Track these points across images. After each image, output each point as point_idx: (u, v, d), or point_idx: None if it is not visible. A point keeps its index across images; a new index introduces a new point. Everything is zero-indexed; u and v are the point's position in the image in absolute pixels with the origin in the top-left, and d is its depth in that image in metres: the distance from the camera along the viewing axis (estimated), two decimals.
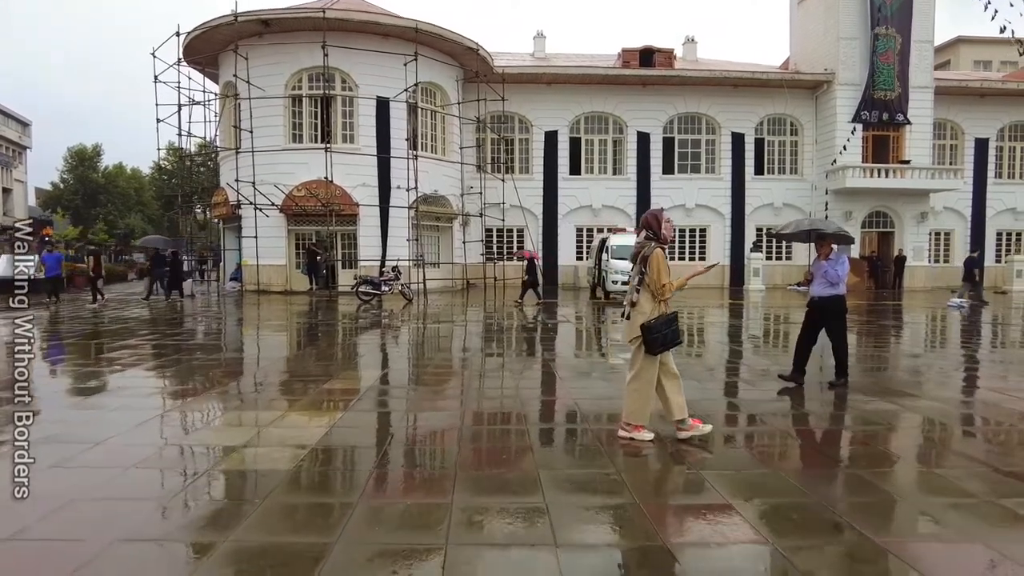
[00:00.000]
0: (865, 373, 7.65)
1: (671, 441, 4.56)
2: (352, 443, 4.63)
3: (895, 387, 6.80)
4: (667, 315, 4.53)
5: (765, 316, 16.36)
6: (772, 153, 28.80)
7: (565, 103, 27.71)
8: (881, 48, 26.21)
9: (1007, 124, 29.60)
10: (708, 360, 8.80)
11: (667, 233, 4.62)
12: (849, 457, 4.49)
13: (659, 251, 4.54)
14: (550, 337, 11.59)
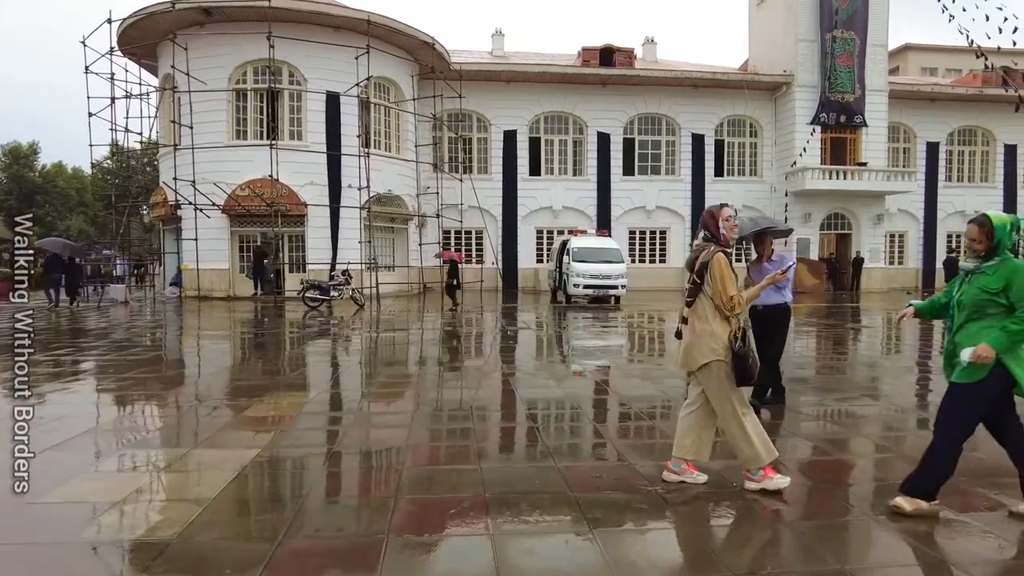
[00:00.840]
0: (820, 376, 7.13)
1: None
2: (260, 494, 3.79)
3: (846, 394, 6.25)
4: (744, 333, 3.74)
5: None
6: (732, 155, 28.67)
7: (524, 102, 27.05)
8: (838, 50, 26.29)
9: (956, 128, 30.12)
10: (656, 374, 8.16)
11: (728, 233, 3.81)
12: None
13: (721, 256, 3.70)
14: (510, 347, 10.85)
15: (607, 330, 13.49)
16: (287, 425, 5.25)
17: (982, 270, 3.17)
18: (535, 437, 4.96)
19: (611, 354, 10.13)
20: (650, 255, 28.27)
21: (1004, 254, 3.13)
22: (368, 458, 4.57)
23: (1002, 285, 3.07)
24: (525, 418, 5.65)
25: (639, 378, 7.72)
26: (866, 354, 10.41)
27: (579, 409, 5.95)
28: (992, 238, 3.12)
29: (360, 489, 3.94)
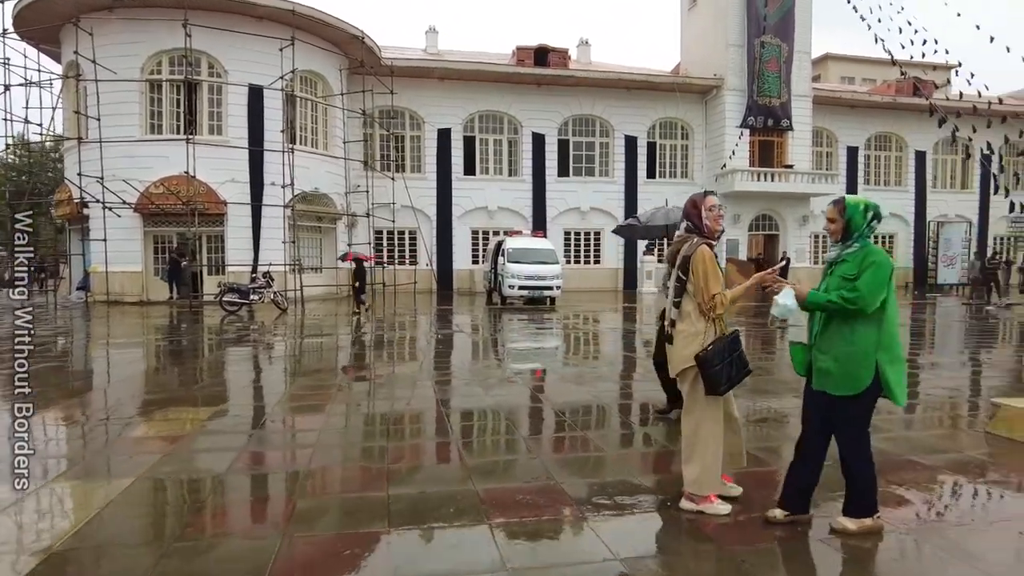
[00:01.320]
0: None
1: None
2: (117, 537, 3.22)
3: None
4: (727, 336, 3.38)
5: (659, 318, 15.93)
6: (664, 157, 29.01)
7: (459, 100, 26.57)
8: (766, 56, 26.95)
9: (873, 134, 31.44)
10: (588, 377, 7.90)
11: (713, 224, 3.49)
12: None
13: (705, 249, 3.35)
14: (439, 352, 10.38)
15: (541, 332, 13.20)
16: (177, 446, 4.65)
17: (843, 258, 3.08)
18: (456, 455, 4.55)
19: (545, 357, 9.82)
20: (585, 256, 28.28)
21: (863, 241, 3.07)
22: (262, 485, 4.05)
23: (856, 271, 2.98)
24: (448, 432, 5.22)
25: (574, 383, 7.42)
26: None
27: (508, 420, 5.57)
28: (844, 215, 3.05)
29: (242, 527, 3.41)
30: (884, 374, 2.97)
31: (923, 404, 6.52)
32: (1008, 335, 13.06)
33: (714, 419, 3.39)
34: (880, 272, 2.97)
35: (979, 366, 9.13)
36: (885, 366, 2.97)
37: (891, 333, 3.00)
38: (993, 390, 7.19)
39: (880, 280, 2.96)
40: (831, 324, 3.07)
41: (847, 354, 2.99)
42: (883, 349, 2.98)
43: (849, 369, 2.98)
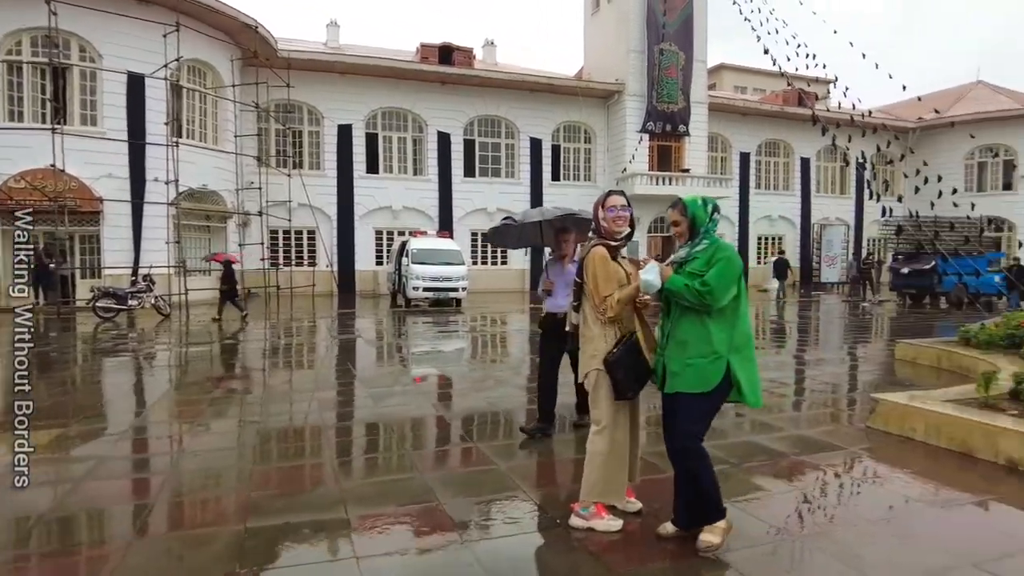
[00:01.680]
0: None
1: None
2: None
3: None
4: (627, 339, 3.18)
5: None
6: (568, 159, 29.34)
7: (361, 96, 25.74)
8: (665, 62, 27.79)
9: (763, 141, 33.16)
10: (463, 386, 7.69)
11: (611, 225, 3.29)
12: None
13: (599, 251, 3.19)
14: (338, 358, 9.85)
15: (445, 335, 12.87)
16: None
17: (693, 256, 2.99)
18: (331, 476, 4.15)
19: (446, 361, 9.50)
20: (491, 257, 28.14)
21: (711, 237, 3.00)
22: (93, 526, 3.51)
23: (706, 267, 2.90)
24: (327, 450, 4.81)
25: (474, 389, 7.15)
26: None
27: (398, 433, 5.23)
28: (687, 214, 3.00)
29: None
30: (736, 375, 2.90)
31: (808, 401, 6.72)
32: (880, 330, 13.97)
33: (618, 425, 3.22)
34: (729, 267, 2.88)
35: (856, 361, 9.62)
36: (736, 367, 2.91)
37: (743, 333, 2.94)
38: (870, 385, 7.54)
39: (729, 275, 2.87)
40: (682, 323, 2.97)
41: (698, 353, 2.91)
42: (735, 350, 2.92)
43: (700, 367, 2.90)
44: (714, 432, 5.06)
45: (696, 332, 2.93)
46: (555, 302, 4.99)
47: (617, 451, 3.22)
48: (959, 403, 5.02)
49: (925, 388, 6.52)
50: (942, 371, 8.11)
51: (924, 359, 8.63)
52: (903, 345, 9.15)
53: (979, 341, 8.14)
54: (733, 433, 5.21)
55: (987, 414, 4.68)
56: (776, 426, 5.40)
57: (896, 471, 4.27)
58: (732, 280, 2.89)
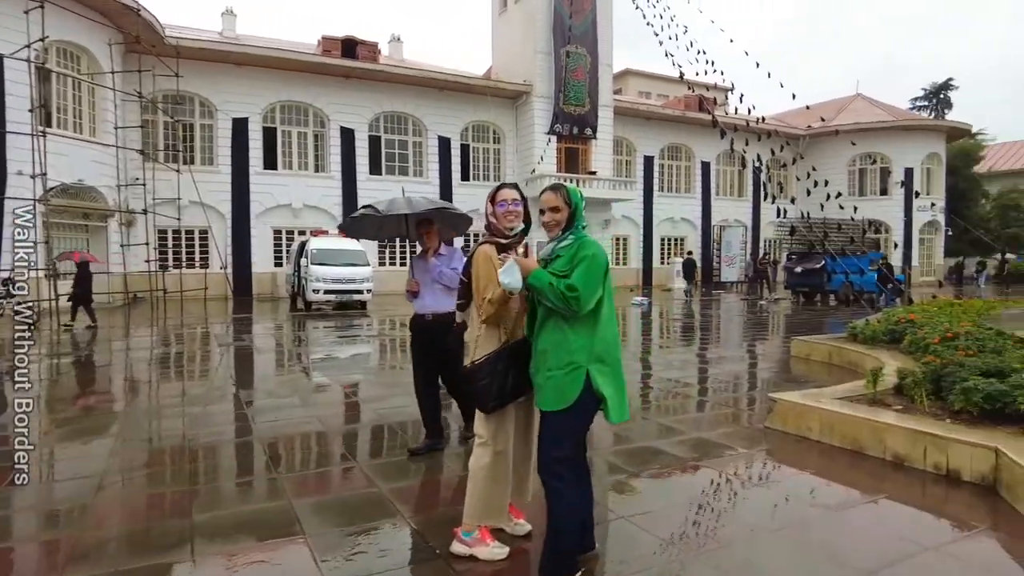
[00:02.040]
0: None
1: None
2: None
3: None
4: (507, 347, 2.85)
5: None
6: (477, 159, 29.08)
7: (258, 89, 24.42)
8: (572, 65, 28.03)
9: (666, 145, 34.17)
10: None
11: (500, 220, 3.00)
12: None
13: (483, 249, 2.85)
14: (231, 367, 9.06)
15: (344, 340, 12.24)
16: None
17: (556, 253, 2.65)
18: (184, 508, 3.61)
19: (340, 369, 8.93)
20: (400, 258, 27.42)
21: (578, 233, 2.66)
22: None
23: (569, 266, 2.56)
24: (184, 475, 4.23)
25: (366, 401, 6.69)
26: None
27: (270, 452, 4.70)
28: (569, 201, 2.66)
29: None
30: (597, 388, 2.55)
31: (710, 401, 6.70)
32: (777, 327, 14.52)
33: (499, 438, 2.91)
34: (595, 266, 2.53)
35: (755, 358, 9.84)
36: (598, 378, 2.55)
37: (606, 340, 2.60)
38: (768, 382, 7.65)
39: (595, 275, 2.52)
40: (544, 329, 2.63)
41: (556, 364, 2.56)
42: (596, 359, 2.56)
43: (557, 381, 2.55)
44: (613, 438, 4.88)
45: (555, 340, 2.58)
46: (422, 303, 4.51)
47: (500, 467, 2.91)
48: (850, 400, 5.07)
49: (819, 384, 6.64)
50: (833, 366, 8.37)
51: (817, 355, 8.91)
52: (798, 342, 9.44)
53: (865, 337, 8.47)
54: (632, 438, 5.04)
55: (874, 411, 4.73)
56: (677, 429, 5.29)
57: (792, 474, 4.20)
58: (598, 281, 2.54)
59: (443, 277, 4.39)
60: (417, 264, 4.57)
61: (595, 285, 2.52)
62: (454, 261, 4.46)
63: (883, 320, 8.79)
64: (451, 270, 4.37)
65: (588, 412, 2.61)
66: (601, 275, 2.55)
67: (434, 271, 4.41)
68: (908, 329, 7.88)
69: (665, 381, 7.70)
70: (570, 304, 2.46)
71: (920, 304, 11.81)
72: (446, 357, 4.41)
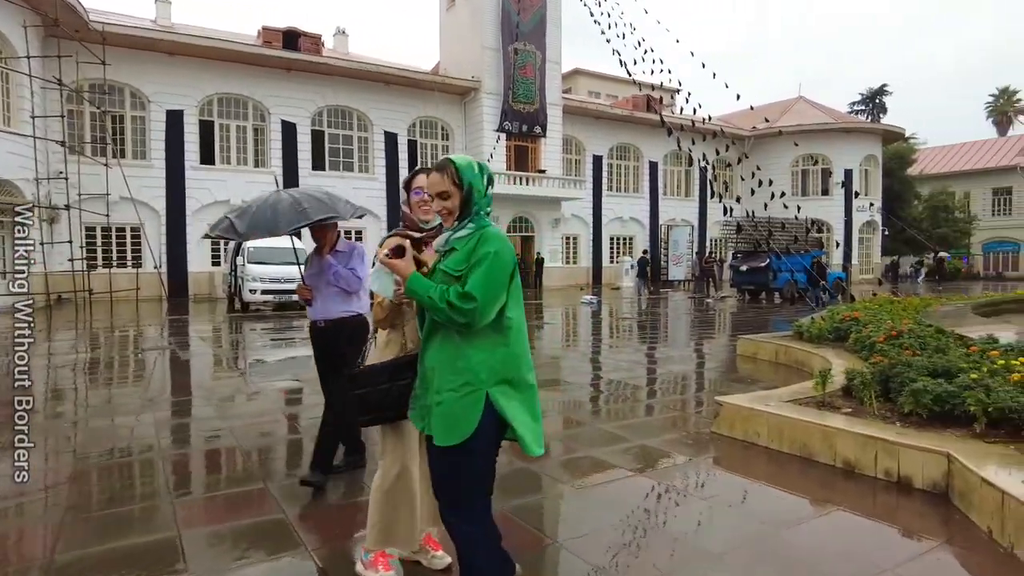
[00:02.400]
0: None
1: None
2: None
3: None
4: (403, 358, 2.47)
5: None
6: (425, 156, 28.52)
7: (193, 80, 23.32)
8: (521, 62, 27.76)
9: (615, 144, 34.27)
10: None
11: (415, 210, 2.67)
12: None
13: (388, 243, 2.30)
14: (168, 373, 8.39)
15: (281, 342, 11.63)
16: None
17: (452, 245, 2.09)
18: (47, 543, 3.11)
19: (269, 374, 8.38)
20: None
21: (479, 220, 2.09)
22: None
23: (466, 265, 2.00)
24: (63, 501, 3.71)
25: (290, 410, 6.20)
26: (546, 354, 10.31)
27: (168, 472, 4.21)
28: (460, 181, 2.06)
29: None
30: (504, 413, 2.00)
31: (656, 404, 6.47)
32: (723, 325, 14.53)
33: (397, 457, 2.59)
34: (498, 267, 1.97)
35: (703, 357, 9.71)
36: (502, 402, 2.00)
37: (514, 355, 2.04)
38: (715, 383, 7.49)
39: (497, 279, 1.97)
40: (431, 340, 2.09)
41: (447, 384, 2.01)
42: (500, 379, 2.01)
43: (448, 406, 2.00)
44: (551, 446, 4.55)
45: (447, 355, 2.03)
46: (315, 308, 3.90)
47: (400, 489, 2.58)
48: (798, 403, 4.87)
49: (766, 385, 6.48)
50: (780, 365, 8.27)
51: (763, 354, 8.80)
52: (744, 341, 9.33)
53: (810, 335, 8.40)
54: (573, 446, 4.73)
55: (823, 414, 4.54)
56: (620, 436, 5.00)
57: (740, 485, 3.96)
58: (502, 286, 2.00)
59: (339, 279, 3.80)
60: (312, 261, 3.99)
61: (497, 291, 1.98)
62: (352, 260, 3.89)
63: (828, 318, 8.75)
64: (348, 270, 3.83)
65: (491, 446, 2.07)
66: (505, 278, 2.02)
67: (328, 272, 3.83)
68: (853, 327, 7.83)
69: (611, 383, 7.45)
70: (464, 317, 1.93)
71: (862, 301, 11.95)
72: (339, 363, 3.83)
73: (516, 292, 2.08)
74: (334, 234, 3.97)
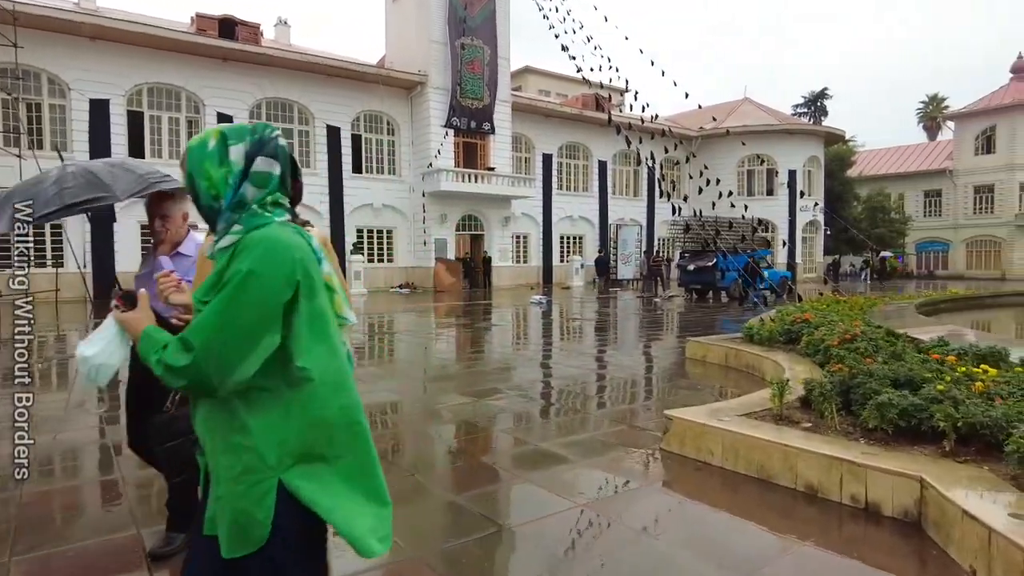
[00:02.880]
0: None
1: None
2: None
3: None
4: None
5: (372, 321, 14.51)
6: (370, 151, 27.63)
7: (120, 67, 21.93)
8: (468, 57, 27.18)
9: (564, 143, 33.99)
10: None
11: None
12: None
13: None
14: (35, 390, 7.47)
15: None
16: None
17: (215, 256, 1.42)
18: None
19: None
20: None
21: (253, 218, 1.41)
22: None
23: (213, 291, 1.35)
24: None
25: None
26: (497, 358, 9.80)
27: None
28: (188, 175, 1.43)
29: None
30: (312, 504, 1.37)
31: (603, 417, 6.03)
32: (671, 325, 14.30)
33: None
34: (245, 296, 1.30)
35: (651, 361, 9.37)
36: (306, 487, 1.37)
37: (320, 420, 1.39)
38: (664, 392, 7.12)
39: (242, 315, 1.30)
40: (200, 402, 1.42)
41: (225, 469, 1.37)
42: (300, 456, 1.38)
43: (230, 501, 1.36)
44: (477, 473, 4.04)
45: (218, 422, 1.38)
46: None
47: None
48: (753, 417, 4.49)
49: (717, 391, 6.12)
50: (730, 369, 7.97)
51: (713, 357, 8.50)
52: (693, 343, 9.00)
53: (761, 338, 8.14)
54: (506, 473, 4.23)
55: (782, 431, 4.16)
56: (560, 456, 4.52)
57: (694, 517, 3.53)
58: (252, 325, 1.30)
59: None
60: (149, 264, 3.06)
61: (235, 337, 1.29)
62: (191, 258, 2.99)
63: (778, 320, 8.51)
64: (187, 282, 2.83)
65: (306, 552, 1.42)
66: (260, 313, 1.31)
67: (158, 271, 2.67)
68: (804, 329, 7.59)
69: (555, 392, 7.00)
70: (183, 380, 1.31)
71: (809, 301, 11.86)
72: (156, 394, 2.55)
73: (315, 325, 1.39)
74: (175, 224, 3.03)
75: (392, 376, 8.14)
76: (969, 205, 46.40)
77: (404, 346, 11.14)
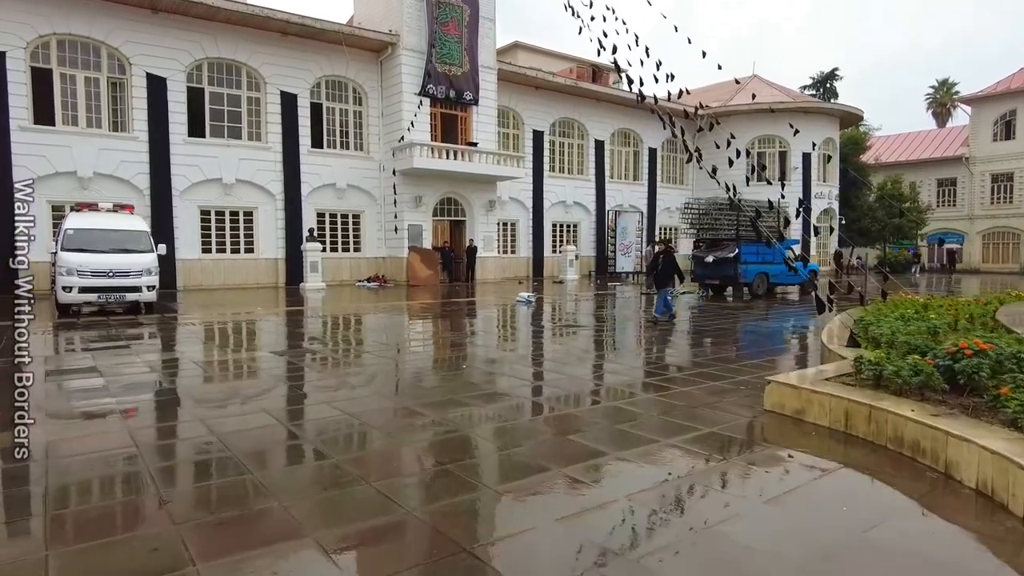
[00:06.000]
0: None
1: None
2: None
3: None
4: None
5: (324, 323, 10.98)
6: (333, 123, 23.88)
7: (22, 17, 18.10)
8: (444, 16, 23.53)
9: (557, 119, 30.37)
10: None
11: None
12: None
13: None
14: None
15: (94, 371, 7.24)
16: None
17: None
18: None
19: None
20: (232, 243, 21.89)
21: None
22: None
23: None
24: None
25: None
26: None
27: None
28: None
29: None
30: None
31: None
32: (704, 340, 10.86)
33: None
34: None
35: (698, 420, 5.92)
36: None
37: None
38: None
39: None
40: None
41: None
42: None
43: None
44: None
45: None
46: None
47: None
48: None
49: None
50: (856, 442, 4.51)
51: (814, 415, 5.01)
52: (776, 387, 5.47)
53: (902, 379, 4.68)
54: None
55: None
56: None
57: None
58: None
59: None
60: None
61: None
62: None
63: (911, 342, 5.08)
64: None
65: None
66: None
67: None
68: (980, 367, 4.18)
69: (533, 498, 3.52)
70: None
71: (890, 304, 8.48)
72: None
73: None
74: None
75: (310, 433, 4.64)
76: (986, 194, 43.33)
77: (354, 371, 7.64)
